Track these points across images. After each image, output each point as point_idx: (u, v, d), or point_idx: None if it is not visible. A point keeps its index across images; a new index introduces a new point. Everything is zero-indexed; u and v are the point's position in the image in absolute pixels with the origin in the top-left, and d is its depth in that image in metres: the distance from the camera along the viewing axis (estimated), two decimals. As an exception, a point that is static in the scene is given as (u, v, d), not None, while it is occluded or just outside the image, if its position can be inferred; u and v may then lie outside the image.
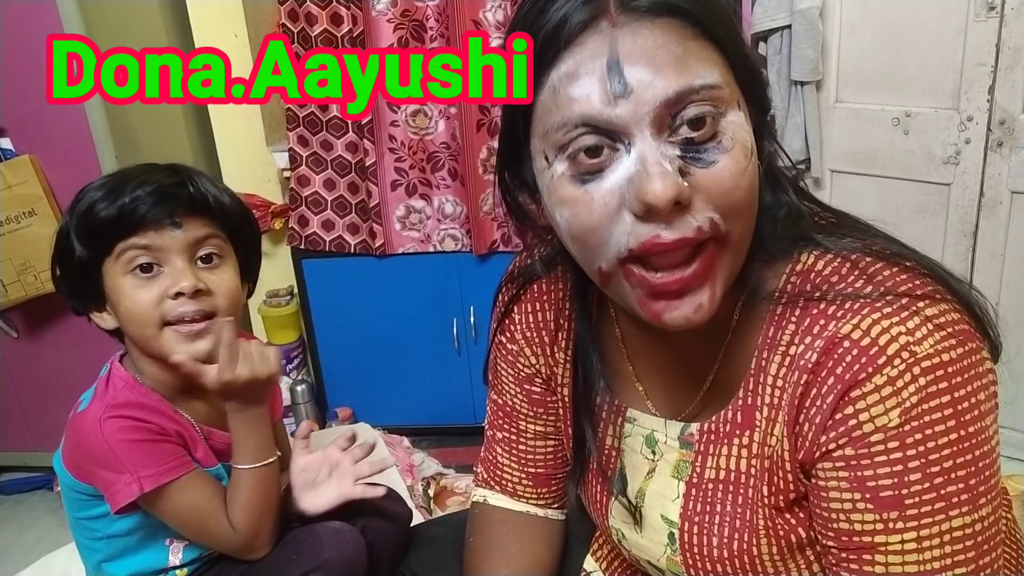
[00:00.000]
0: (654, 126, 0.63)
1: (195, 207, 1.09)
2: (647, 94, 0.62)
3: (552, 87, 0.65)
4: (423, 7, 2.10)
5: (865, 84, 2.03)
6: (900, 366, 0.64)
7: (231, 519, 1.11)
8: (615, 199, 0.64)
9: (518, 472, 1.00)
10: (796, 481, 0.73)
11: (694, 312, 0.67)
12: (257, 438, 1.12)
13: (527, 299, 0.94)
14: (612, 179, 0.64)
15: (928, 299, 0.67)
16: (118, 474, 1.06)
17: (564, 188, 0.67)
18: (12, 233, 2.07)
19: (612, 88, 0.62)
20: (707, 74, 0.63)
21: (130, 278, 1.07)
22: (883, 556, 0.67)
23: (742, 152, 0.65)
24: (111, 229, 1.05)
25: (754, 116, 0.69)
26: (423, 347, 2.42)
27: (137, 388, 1.13)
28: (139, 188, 1.06)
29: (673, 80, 0.62)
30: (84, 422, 1.09)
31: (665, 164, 0.62)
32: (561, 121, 0.65)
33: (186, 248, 1.08)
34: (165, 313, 1.07)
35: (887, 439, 0.65)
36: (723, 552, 0.78)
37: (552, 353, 0.93)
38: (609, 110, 0.63)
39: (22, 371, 2.31)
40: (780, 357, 0.73)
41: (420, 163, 2.23)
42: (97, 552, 1.18)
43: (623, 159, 0.64)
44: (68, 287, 1.12)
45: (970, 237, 1.98)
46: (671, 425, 0.84)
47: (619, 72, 0.62)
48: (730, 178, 0.64)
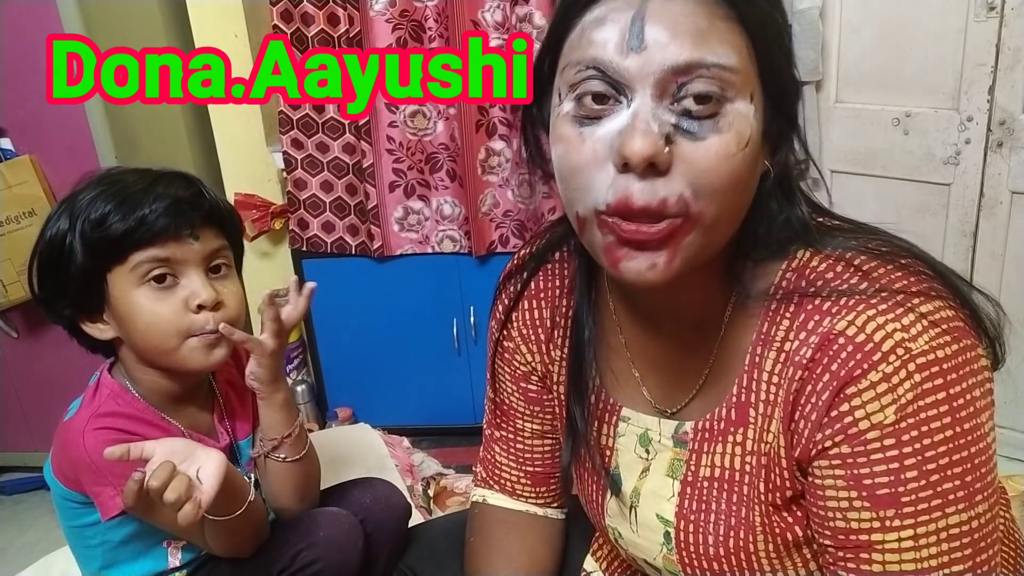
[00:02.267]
0: (657, 88, 0.64)
1: (210, 219, 1.10)
2: (658, 55, 0.63)
3: (582, 27, 0.67)
4: (422, 7, 2.09)
5: (865, 84, 2.03)
6: (895, 362, 0.64)
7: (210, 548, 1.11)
8: (604, 147, 0.65)
9: (516, 471, 1.00)
10: (792, 479, 0.73)
11: (648, 269, 0.67)
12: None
13: (524, 296, 0.94)
14: (607, 127, 0.65)
15: (923, 296, 0.67)
16: (103, 486, 1.06)
17: (564, 126, 0.68)
18: (12, 233, 2.07)
19: (629, 40, 0.64)
20: (724, 54, 0.64)
21: (145, 290, 1.06)
22: (880, 554, 0.67)
23: (735, 139, 0.64)
24: (126, 239, 1.04)
25: (768, 117, 0.68)
26: (423, 347, 2.42)
27: (124, 397, 1.12)
28: (157, 200, 1.05)
29: (688, 49, 0.63)
30: (69, 431, 1.08)
31: (652, 125, 0.63)
32: (577, 59, 0.67)
33: (202, 260, 1.08)
34: (188, 326, 1.07)
35: (883, 436, 0.65)
36: (719, 550, 0.78)
37: (548, 351, 0.93)
38: (620, 59, 0.64)
39: (22, 371, 2.31)
40: (775, 353, 0.73)
41: (418, 164, 2.23)
42: (95, 560, 1.18)
43: (622, 112, 0.65)
44: (57, 294, 1.09)
45: (970, 237, 1.98)
46: (665, 424, 0.84)
47: (640, 28, 0.64)
48: (713, 158, 0.64)
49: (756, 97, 0.66)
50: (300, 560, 1.13)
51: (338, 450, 1.90)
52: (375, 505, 1.27)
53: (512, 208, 2.22)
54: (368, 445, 1.99)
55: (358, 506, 1.26)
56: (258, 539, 1.16)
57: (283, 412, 1.17)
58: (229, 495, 1.06)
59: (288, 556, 1.13)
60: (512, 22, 2.06)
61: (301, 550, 1.13)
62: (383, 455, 1.95)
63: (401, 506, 1.31)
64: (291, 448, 1.18)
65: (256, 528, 1.15)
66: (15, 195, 2.05)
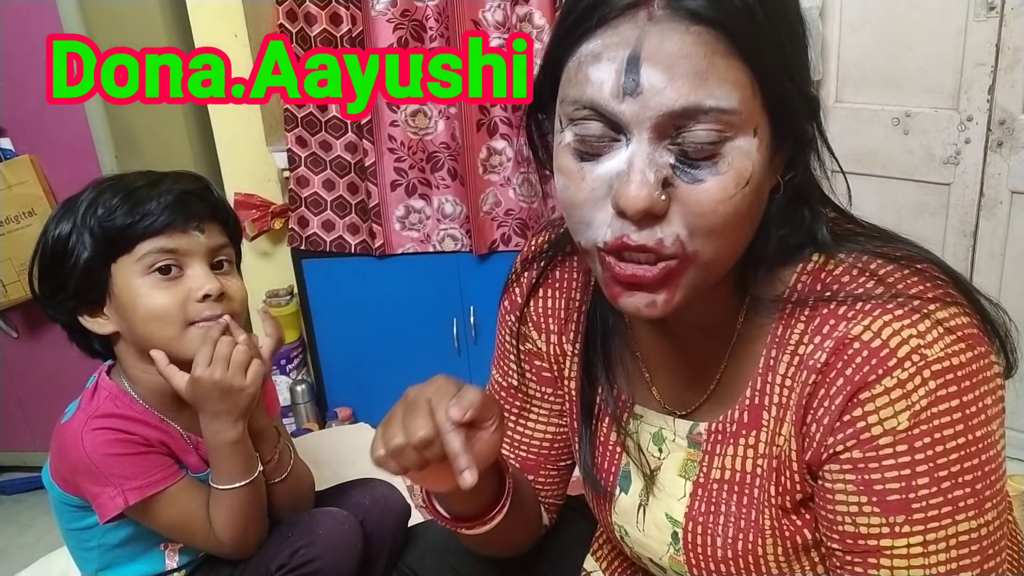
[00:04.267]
0: (654, 132, 0.63)
1: (216, 215, 1.11)
2: (654, 100, 0.61)
3: (579, 60, 0.66)
4: (423, 7, 2.09)
5: (865, 84, 2.03)
6: (910, 369, 0.64)
7: (216, 533, 1.12)
8: (603, 187, 0.65)
9: (508, 452, 0.99)
10: (803, 482, 0.73)
11: (646, 307, 0.67)
12: (232, 460, 1.11)
13: (540, 284, 0.94)
14: (606, 166, 0.65)
15: (939, 302, 0.66)
16: (102, 487, 1.07)
17: (565, 158, 0.68)
18: (12, 233, 2.07)
19: (624, 83, 0.62)
20: (723, 97, 0.61)
21: (149, 279, 1.07)
22: (888, 560, 0.67)
23: (734, 180, 0.63)
24: (134, 228, 1.05)
25: (775, 144, 0.67)
26: (423, 347, 2.41)
27: (122, 399, 1.12)
28: (165, 193, 1.06)
29: (685, 93, 0.61)
30: (67, 434, 1.09)
31: (649, 174, 0.62)
32: (574, 97, 0.66)
33: (207, 253, 1.10)
34: (191, 315, 1.08)
35: (895, 442, 0.65)
36: (727, 552, 0.78)
37: (561, 343, 0.93)
38: (615, 103, 0.63)
39: (22, 371, 2.30)
40: (789, 357, 0.73)
41: (420, 163, 2.23)
42: (92, 562, 1.18)
43: (621, 151, 0.64)
44: (59, 288, 1.10)
45: (970, 237, 1.98)
46: (680, 424, 0.84)
47: (636, 70, 0.62)
48: (710, 202, 0.63)
49: (761, 129, 0.64)
50: (298, 558, 1.14)
51: (338, 450, 1.90)
52: (375, 506, 1.28)
53: (514, 207, 2.22)
54: (368, 445, 1.99)
55: (358, 507, 1.26)
56: (261, 526, 1.17)
57: (260, 442, 1.17)
58: (243, 456, 1.11)
59: (287, 553, 1.14)
60: (512, 22, 2.06)
61: (300, 548, 1.14)
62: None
63: (401, 507, 1.31)
64: (272, 471, 1.20)
65: (261, 509, 1.16)
66: (15, 195, 2.05)
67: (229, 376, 1.05)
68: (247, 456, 1.12)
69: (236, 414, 1.09)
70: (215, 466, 1.11)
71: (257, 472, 1.13)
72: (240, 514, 1.12)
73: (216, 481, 1.11)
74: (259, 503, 1.15)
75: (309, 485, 1.28)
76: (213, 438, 1.10)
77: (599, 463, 0.90)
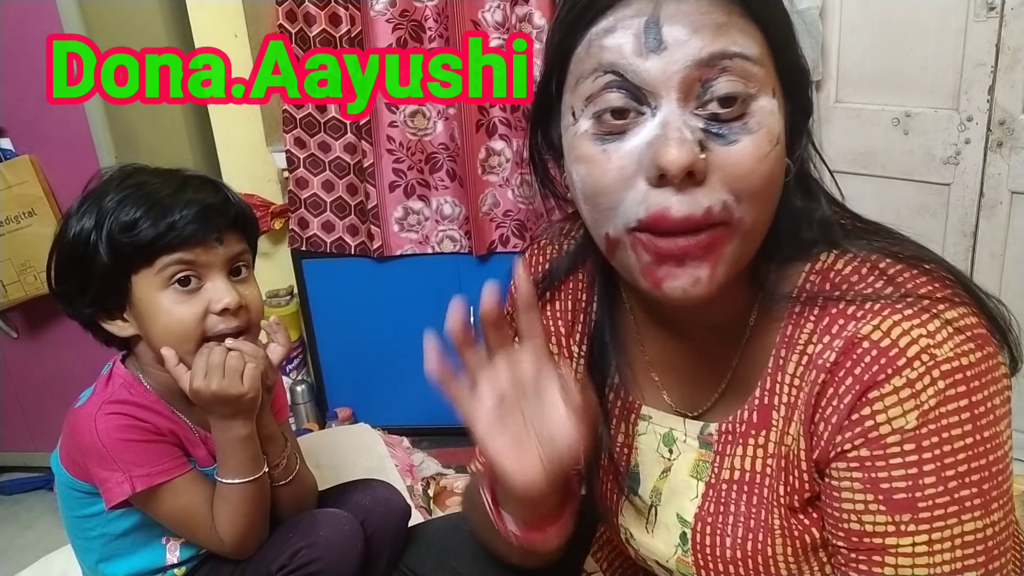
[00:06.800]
0: (682, 91, 0.62)
1: (235, 224, 1.11)
2: (680, 52, 0.62)
3: (588, 41, 0.65)
4: (422, 7, 2.09)
5: (865, 84, 2.03)
6: (920, 368, 0.64)
7: (218, 529, 1.12)
8: (632, 163, 0.64)
9: None
10: (811, 481, 0.73)
11: (692, 285, 0.66)
12: (239, 457, 1.11)
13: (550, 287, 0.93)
14: (633, 142, 0.64)
15: (948, 302, 0.66)
16: (111, 471, 1.08)
17: (584, 145, 0.66)
18: (12, 233, 2.07)
19: (646, 42, 0.62)
20: (746, 45, 0.63)
21: (170, 292, 1.07)
22: (893, 558, 0.67)
23: (767, 137, 0.64)
24: (155, 244, 1.05)
25: (788, 112, 0.68)
26: (423, 348, 2.41)
27: (136, 387, 1.13)
28: (187, 206, 1.06)
29: (709, 41, 0.62)
30: (80, 417, 1.10)
31: (686, 132, 0.62)
32: (591, 67, 0.65)
33: (225, 263, 1.10)
34: (207, 329, 1.08)
35: (903, 441, 0.65)
36: (736, 553, 0.78)
37: (567, 345, 0.92)
38: (640, 62, 0.62)
39: (22, 371, 2.30)
40: (798, 356, 0.73)
41: (418, 164, 2.23)
42: (93, 552, 1.19)
43: (647, 123, 0.64)
44: (79, 291, 1.10)
45: (970, 237, 1.98)
46: (690, 424, 0.83)
47: (656, 29, 0.62)
48: (749, 161, 0.63)
49: (777, 92, 0.66)
50: (299, 558, 1.14)
51: (338, 450, 1.90)
52: (375, 507, 1.28)
53: (512, 208, 2.22)
54: (368, 445, 2.00)
55: (358, 508, 1.26)
56: (263, 526, 1.17)
57: (268, 445, 1.18)
58: (251, 453, 1.11)
59: (287, 554, 1.14)
60: (512, 22, 2.06)
61: (301, 548, 1.14)
62: (383, 455, 1.95)
63: (401, 508, 1.31)
64: (279, 475, 1.20)
65: (264, 509, 1.16)
66: (15, 195, 2.05)
67: (226, 384, 1.06)
68: (254, 453, 1.12)
69: (241, 417, 1.10)
70: (222, 461, 1.12)
71: (263, 471, 1.13)
72: (244, 511, 1.12)
73: (222, 475, 1.11)
74: (263, 502, 1.15)
75: (312, 489, 1.28)
76: (221, 434, 1.11)
77: (605, 465, 0.90)
